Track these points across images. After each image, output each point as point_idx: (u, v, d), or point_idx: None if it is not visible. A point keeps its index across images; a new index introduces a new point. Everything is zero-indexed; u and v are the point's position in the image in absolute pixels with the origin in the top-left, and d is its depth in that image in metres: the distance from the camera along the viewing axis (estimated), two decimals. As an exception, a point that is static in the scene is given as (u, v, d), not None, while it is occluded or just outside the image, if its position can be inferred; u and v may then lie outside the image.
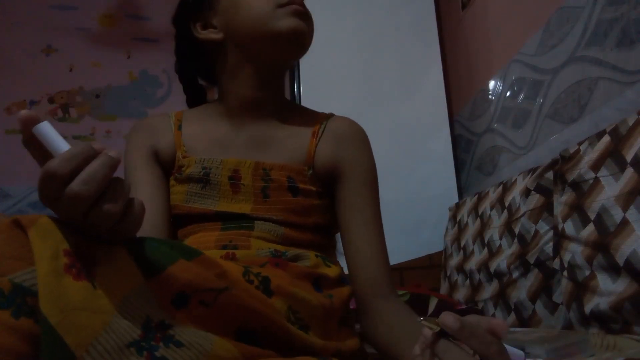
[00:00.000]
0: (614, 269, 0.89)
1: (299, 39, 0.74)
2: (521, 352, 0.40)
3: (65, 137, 0.42)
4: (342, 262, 0.80)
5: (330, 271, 0.71)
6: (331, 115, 0.83)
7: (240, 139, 0.78)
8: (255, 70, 0.77)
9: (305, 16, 0.73)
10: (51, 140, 0.41)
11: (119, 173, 0.44)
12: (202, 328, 0.47)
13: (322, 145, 0.77)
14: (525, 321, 1.17)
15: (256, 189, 0.73)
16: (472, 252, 1.46)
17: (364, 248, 0.73)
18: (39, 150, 0.42)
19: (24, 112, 0.42)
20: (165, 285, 0.45)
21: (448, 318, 0.39)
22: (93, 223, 0.41)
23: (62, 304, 0.37)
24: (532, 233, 1.20)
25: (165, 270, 0.46)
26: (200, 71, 0.86)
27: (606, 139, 0.98)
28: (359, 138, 0.80)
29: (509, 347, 0.40)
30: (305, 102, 1.79)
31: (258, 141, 0.78)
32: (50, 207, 0.41)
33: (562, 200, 1.08)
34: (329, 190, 0.78)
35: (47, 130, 0.42)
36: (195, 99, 0.88)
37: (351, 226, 0.74)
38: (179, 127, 0.80)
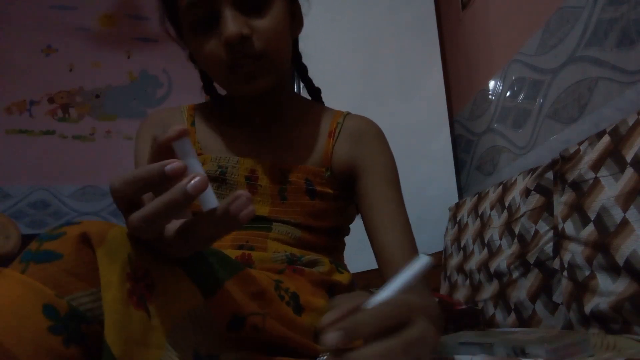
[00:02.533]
0: (614, 269, 0.89)
1: (255, 95, 0.70)
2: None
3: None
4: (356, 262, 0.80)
5: (343, 278, 0.72)
6: (347, 113, 0.81)
7: (255, 139, 0.77)
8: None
9: (256, 73, 0.67)
10: (185, 156, 0.38)
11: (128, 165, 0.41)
12: (250, 349, 0.47)
13: (339, 145, 0.76)
14: (525, 321, 1.17)
15: (274, 190, 0.72)
16: (472, 252, 1.46)
17: (390, 243, 0.70)
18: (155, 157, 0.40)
19: (180, 128, 0.39)
20: (218, 308, 0.45)
21: (329, 338, 0.33)
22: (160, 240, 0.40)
23: (125, 335, 0.36)
24: (532, 233, 1.20)
25: (216, 293, 0.45)
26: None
27: (606, 139, 0.98)
28: (376, 135, 0.79)
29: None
30: (305, 102, 1.79)
31: (274, 141, 0.77)
32: (123, 216, 0.40)
33: (562, 200, 1.08)
34: (345, 192, 0.77)
35: (185, 147, 0.39)
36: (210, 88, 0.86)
37: (375, 222, 0.72)
38: (192, 123, 0.78)
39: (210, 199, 0.38)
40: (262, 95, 0.71)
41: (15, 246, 2.09)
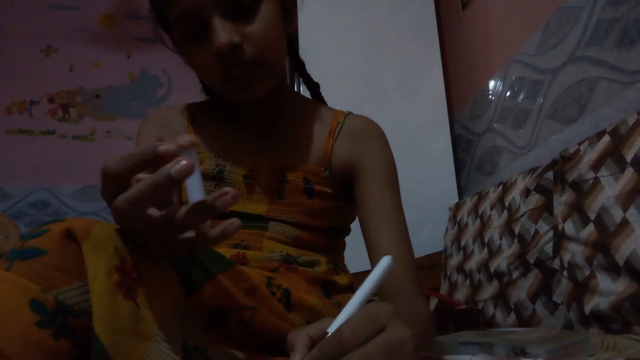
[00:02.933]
0: (614, 269, 0.89)
1: (254, 101, 0.70)
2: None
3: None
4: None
5: (340, 279, 0.71)
6: (349, 113, 0.80)
7: (255, 138, 0.76)
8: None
9: (252, 79, 0.66)
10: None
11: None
12: (237, 345, 0.47)
13: (338, 144, 0.76)
14: (525, 321, 1.17)
15: (271, 189, 0.72)
16: (472, 252, 1.46)
17: (383, 243, 0.69)
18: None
19: (191, 138, 0.39)
20: (202, 303, 0.45)
21: None
22: (148, 236, 0.40)
23: (114, 325, 0.36)
24: (532, 233, 1.20)
25: (203, 287, 0.45)
26: None
27: (606, 139, 0.98)
28: (376, 135, 0.78)
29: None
30: (305, 102, 1.79)
31: (273, 141, 0.76)
32: (107, 203, 0.40)
33: (562, 200, 1.08)
34: (344, 192, 0.77)
35: (191, 157, 0.39)
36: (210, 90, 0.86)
37: (370, 221, 0.71)
38: (192, 122, 0.78)
39: (197, 191, 0.39)
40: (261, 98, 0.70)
41: (15, 246, 2.09)
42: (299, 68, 0.87)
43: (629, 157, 0.91)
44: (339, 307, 0.66)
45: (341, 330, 0.37)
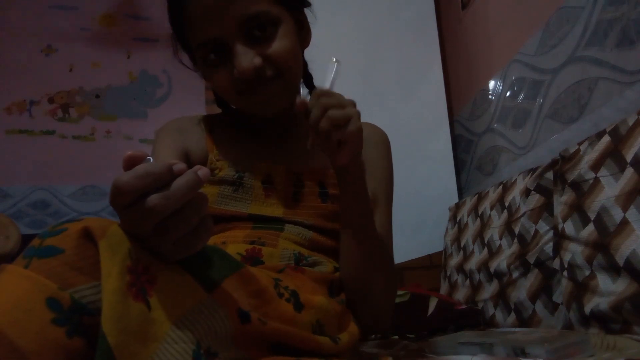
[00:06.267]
0: (614, 269, 0.89)
1: (271, 115, 0.75)
2: None
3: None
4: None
5: None
6: None
7: (271, 146, 0.81)
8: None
9: (273, 96, 0.71)
10: None
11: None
12: (259, 346, 0.48)
13: None
14: (525, 321, 1.17)
15: (288, 193, 0.76)
16: (472, 252, 1.46)
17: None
18: None
19: (206, 171, 0.42)
20: (226, 297, 0.46)
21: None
22: (161, 234, 0.41)
23: (122, 325, 0.36)
24: (532, 233, 1.20)
25: (218, 288, 0.46)
26: None
27: (606, 139, 0.98)
28: (381, 140, 0.85)
29: None
30: (305, 102, 1.78)
31: (287, 148, 0.81)
32: (118, 214, 0.41)
33: (562, 200, 1.08)
34: None
35: None
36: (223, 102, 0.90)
37: None
38: (210, 131, 0.82)
39: None
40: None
41: (15, 246, 2.09)
42: (307, 80, 0.92)
43: (629, 157, 0.91)
44: (343, 304, 0.67)
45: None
